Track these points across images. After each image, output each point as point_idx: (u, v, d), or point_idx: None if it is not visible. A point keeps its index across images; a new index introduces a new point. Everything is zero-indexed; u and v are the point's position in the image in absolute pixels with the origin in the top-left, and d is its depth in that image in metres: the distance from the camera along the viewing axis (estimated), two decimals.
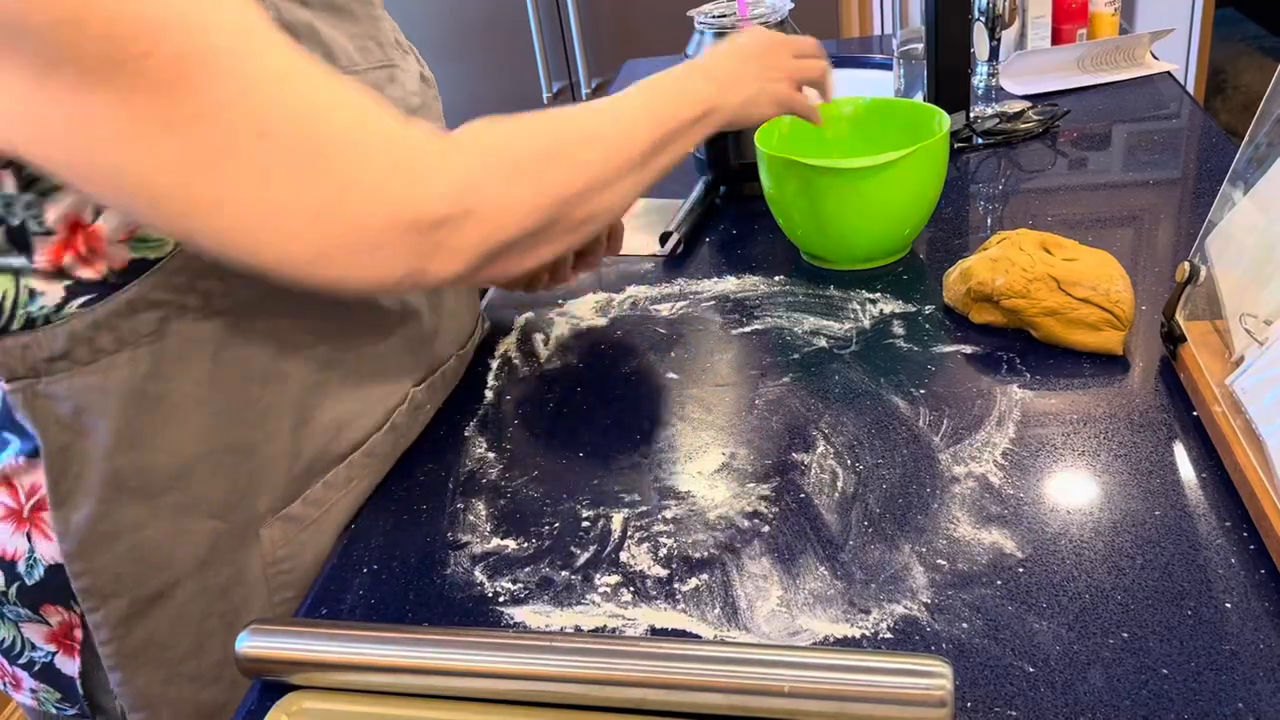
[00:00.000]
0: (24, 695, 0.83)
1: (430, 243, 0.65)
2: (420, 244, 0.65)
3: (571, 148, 0.74)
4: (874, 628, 0.66)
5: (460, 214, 0.66)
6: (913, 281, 1.05)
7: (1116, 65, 1.56)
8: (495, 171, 0.68)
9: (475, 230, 0.67)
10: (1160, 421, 0.80)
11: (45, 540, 0.75)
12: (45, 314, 0.70)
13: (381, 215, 0.64)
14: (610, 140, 0.77)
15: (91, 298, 0.70)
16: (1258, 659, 0.60)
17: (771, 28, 1.22)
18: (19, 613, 0.78)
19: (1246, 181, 0.83)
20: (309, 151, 0.62)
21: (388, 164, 0.64)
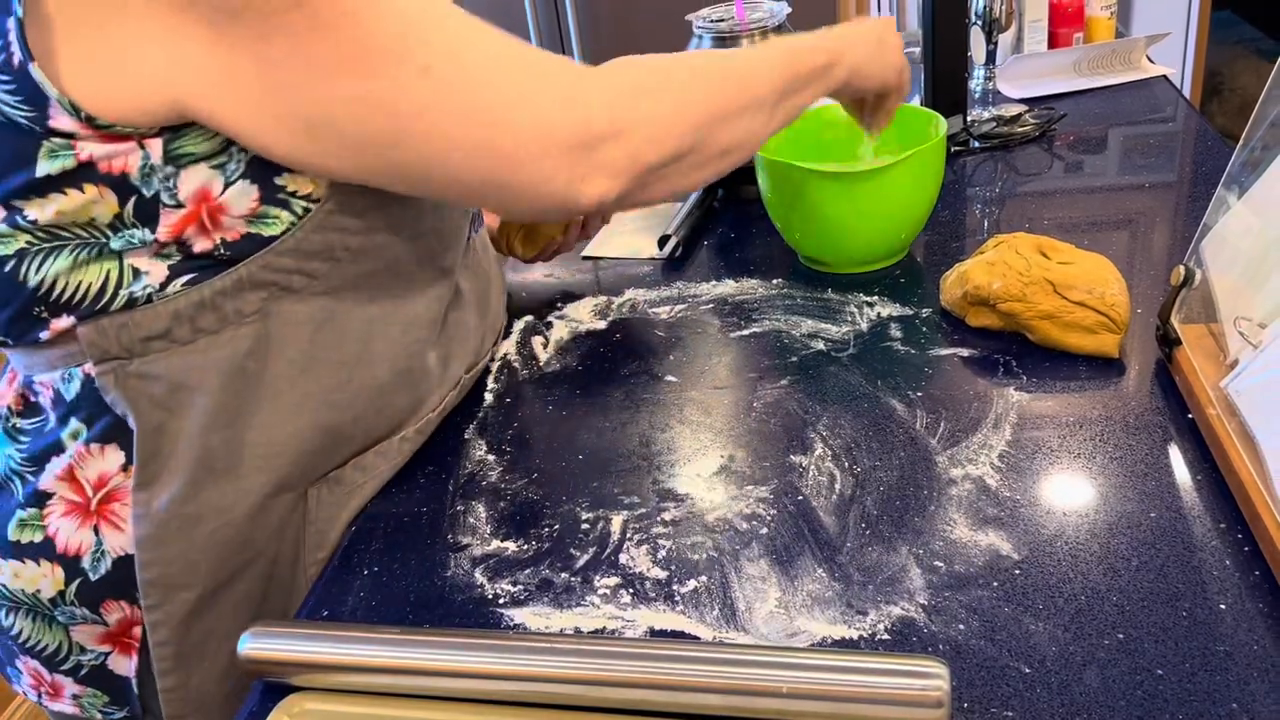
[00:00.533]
0: (63, 703, 0.82)
1: (586, 161, 0.71)
2: (577, 161, 0.70)
3: (709, 78, 0.79)
4: (871, 629, 0.66)
5: (612, 133, 0.71)
6: (910, 285, 1.06)
7: (1113, 69, 1.57)
8: (643, 94, 0.74)
9: (625, 148, 0.72)
10: (1155, 424, 0.81)
11: (115, 531, 0.75)
12: (149, 293, 0.70)
13: (542, 130, 0.69)
14: (744, 76, 0.82)
15: (194, 276, 0.70)
16: (1252, 660, 0.60)
17: (769, 31, 1.22)
18: (73, 614, 0.78)
19: (1241, 185, 0.83)
20: (470, 82, 0.67)
21: (544, 86, 0.70)
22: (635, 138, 0.72)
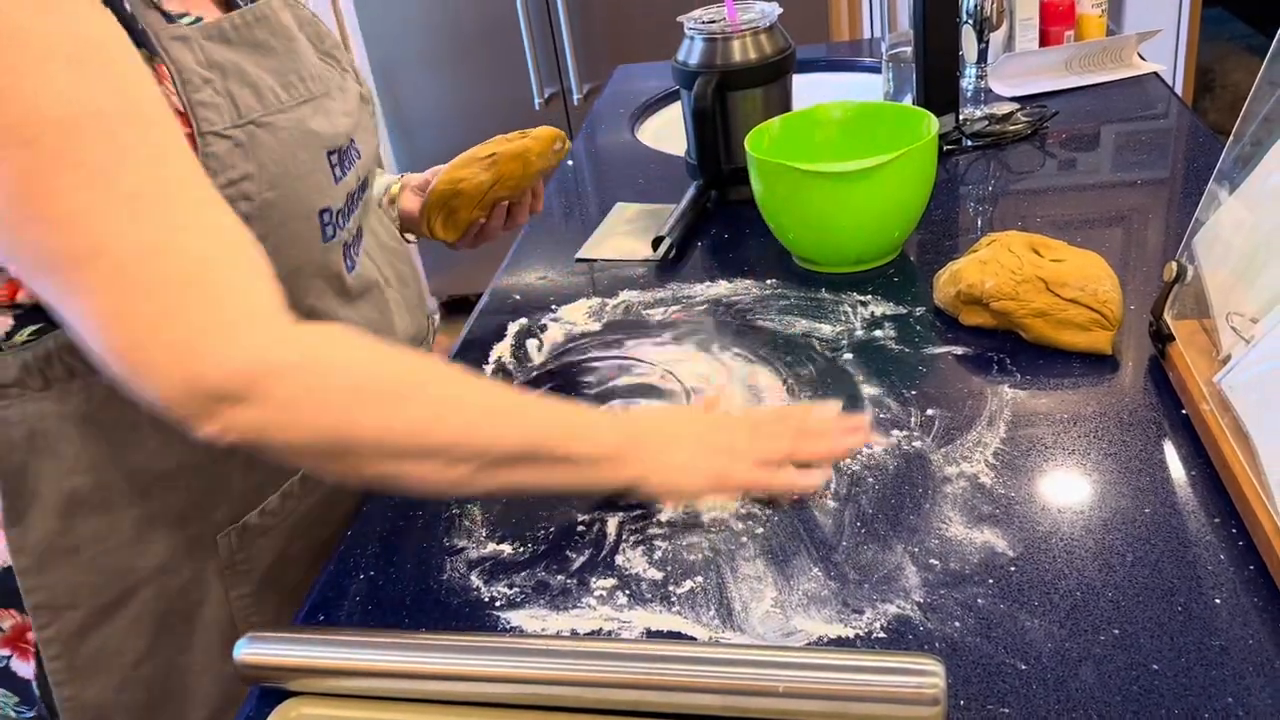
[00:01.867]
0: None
1: (201, 404, 0.63)
2: (192, 400, 0.63)
3: (399, 406, 0.67)
4: (867, 627, 0.66)
5: (242, 395, 0.63)
6: (903, 284, 1.06)
7: (1104, 66, 1.57)
8: (302, 379, 0.65)
9: (247, 417, 0.64)
10: (1149, 420, 0.81)
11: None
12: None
13: (175, 362, 0.63)
14: (454, 421, 0.69)
15: (41, 326, 0.71)
16: (1247, 653, 0.60)
17: (760, 32, 1.22)
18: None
19: (1233, 181, 0.83)
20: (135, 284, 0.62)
21: (204, 318, 0.63)
22: (265, 415, 0.64)
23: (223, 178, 0.71)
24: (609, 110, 1.76)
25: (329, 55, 0.87)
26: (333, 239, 0.81)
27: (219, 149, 0.71)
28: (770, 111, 1.23)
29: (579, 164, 1.58)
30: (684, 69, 1.25)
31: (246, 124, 0.72)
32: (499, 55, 2.74)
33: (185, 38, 0.70)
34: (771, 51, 1.23)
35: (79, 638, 0.79)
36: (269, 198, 0.74)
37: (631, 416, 0.81)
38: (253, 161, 0.72)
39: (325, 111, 0.80)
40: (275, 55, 0.77)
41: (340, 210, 0.82)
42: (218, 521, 0.82)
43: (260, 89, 0.74)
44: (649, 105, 1.76)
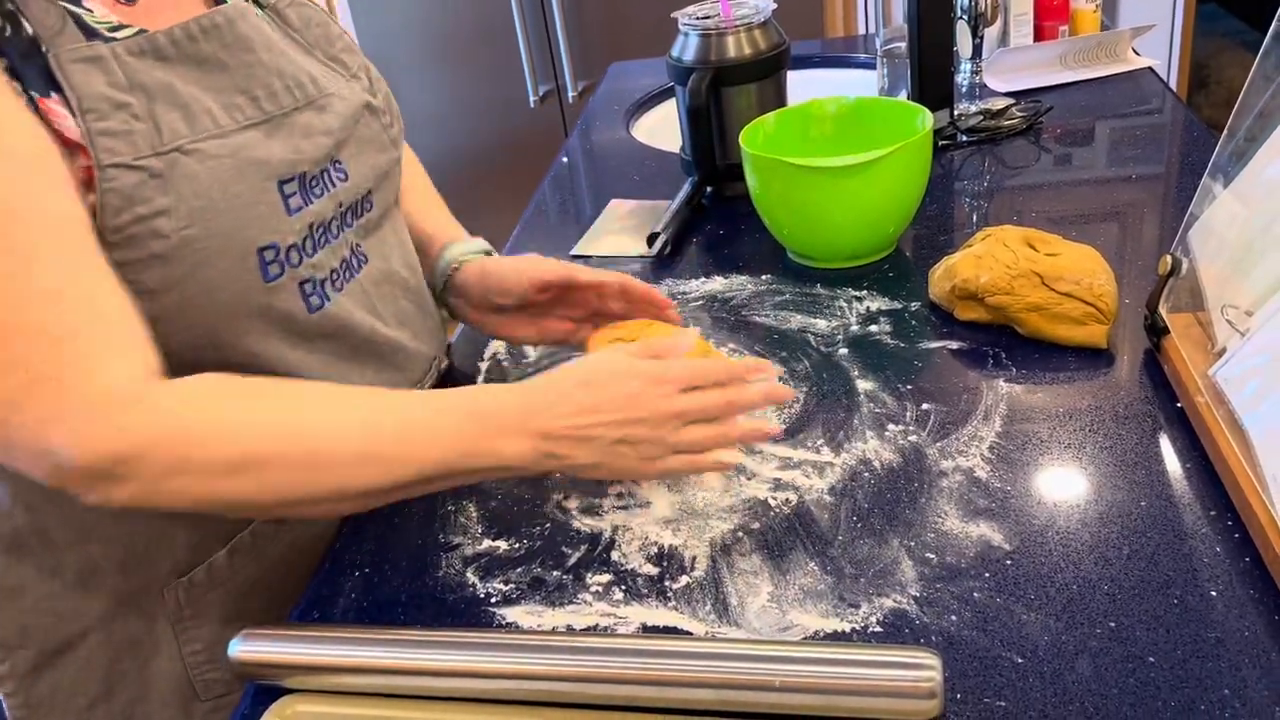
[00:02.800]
0: None
1: (73, 482, 0.63)
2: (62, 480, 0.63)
3: (271, 468, 0.64)
4: (864, 621, 0.66)
5: (110, 475, 0.62)
6: (898, 279, 1.06)
7: (1098, 61, 1.57)
8: (166, 455, 0.63)
9: (123, 492, 0.63)
10: (1144, 413, 0.81)
11: None
12: None
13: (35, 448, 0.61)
14: (330, 476, 0.66)
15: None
16: (1243, 645, 0.60)
17: (755, 28, 1.22)
18: None
19: (1227, 174, 0.83)
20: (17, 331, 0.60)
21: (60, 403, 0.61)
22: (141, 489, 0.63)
23: (128, 214, 0.65)
24: (604, 107, 1.76)
25: (336, 60, 0.82)
26: (278, 278, 0.73)
27: (125, 182, 0.65)
28: (765, 107, 1.23)
29: (574, 161, 1.58)
30: (678, 65, 1.25)
31: (169, 151, 0.67)
32: (494, 53, 2.73)
33: (98, 58, 0.65)
34: (766, 47, 1.23)
35: (33, 676, 0.79)
36: (189, 234, 0.67)
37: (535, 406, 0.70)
38: (170, 194, 0.66)
39: (288, 133, 0.74)
40: (224, 72, 0.72)
41: (295, 245, 0.74)
42: (162, 574, 0.80)
43: (193, 111, 0.69)
44: (644, 102, 1.76)
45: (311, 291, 0.77)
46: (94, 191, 0.65)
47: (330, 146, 0.77)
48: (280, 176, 0.73)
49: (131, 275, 0.67)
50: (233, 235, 0.70)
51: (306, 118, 0.76)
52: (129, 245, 0.66)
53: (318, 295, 0.77)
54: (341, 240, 0.80)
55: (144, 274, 0.67)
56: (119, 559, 0.78)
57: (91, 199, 0.65)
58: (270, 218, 0.72)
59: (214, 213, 0.68)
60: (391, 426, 0.68)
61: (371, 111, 0.83)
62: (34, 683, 0.79)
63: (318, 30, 0.81)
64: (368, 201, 0.83)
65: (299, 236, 0.74)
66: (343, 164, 0.79)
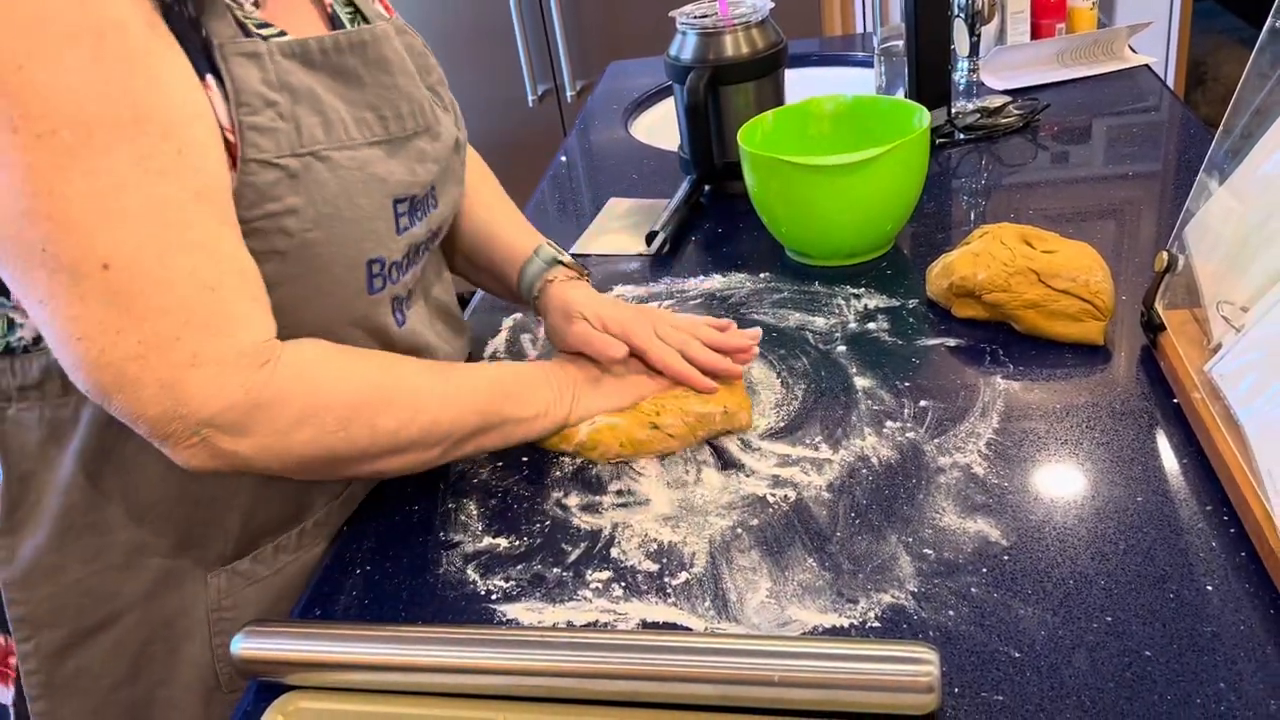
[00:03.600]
0: None
1: (185, 429, 0.65)
2: (174, 426, 0.65)
3: (376, 413, 0.72)
4: (862, 617, 0.66)
5: (232, 428, 0.66)
6: (896, 276, 1.06)
7: (1095, 59, 1.58)
8: (291, 410, 0.68)
9: (238, 446, 0.67)
10: (1141, 409, 0.81)
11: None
12: (24, 344, 0.71)
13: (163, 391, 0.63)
14: (425, 417, 0.75)
15: None
16: (1239, 640, 0.61)
17: (752, 27, 1.23)
18: None
19: (1223, 171, 0.84)
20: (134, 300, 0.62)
21: (197, 350, 0.64)
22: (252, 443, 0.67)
23: (259, 209, 0.68)
24: (602, 106, 1.76)
25: (433, 90, 0.83)
26: (379, 291, 0.77)
27: (263, 178, 0.67)
28: (763, 106, 1.24)
29: (573, 160, 1.58)
30: (676, 64, 1.25)
31: (306, 154, 0.69)
32: (492, 53, 2.74)
33: (256, 54, 0.67)
34: (764, 46, 1.23)
35: (59, 657, 0.79)
36: (311, 237, 0.70)
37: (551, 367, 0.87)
38: (302, 195, 0.69)
39: (405, 155, 0.76)
40: (360, 87, 0.73)
41: (396, 263, 0.77)
42: (209, 560, 0.80)
43: (330, 120, 0.71)
44: (642, 101, 1.76)
45: (398, 308, 0.81)
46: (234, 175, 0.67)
47: (435, 175, 0.80)
48: (396, 195, 0.75)
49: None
50: (349, 244, 0.72)
51: (422, 144, 0.78)
52: (254, 237, 0.68)
53: (400, 313, 0.81)
54: (421, 263, 0.83)
55: (262, 267, 0.69)
56: (171, 541, 0.79)
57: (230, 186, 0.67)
58: (383, 233, 0.75)
59: (338, 220, 0.71)
60: (457, 377, 0.79)
61: (458, 148, 0.86)
62: (59, 664, 0.79)
63: (420, 59, 0.83)
64: (443, 229, 0.86)
65: (401, 255, 0.77)
66: (436, 193, 0.81)
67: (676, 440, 0.83)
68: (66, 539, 0.76)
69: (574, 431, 0.85)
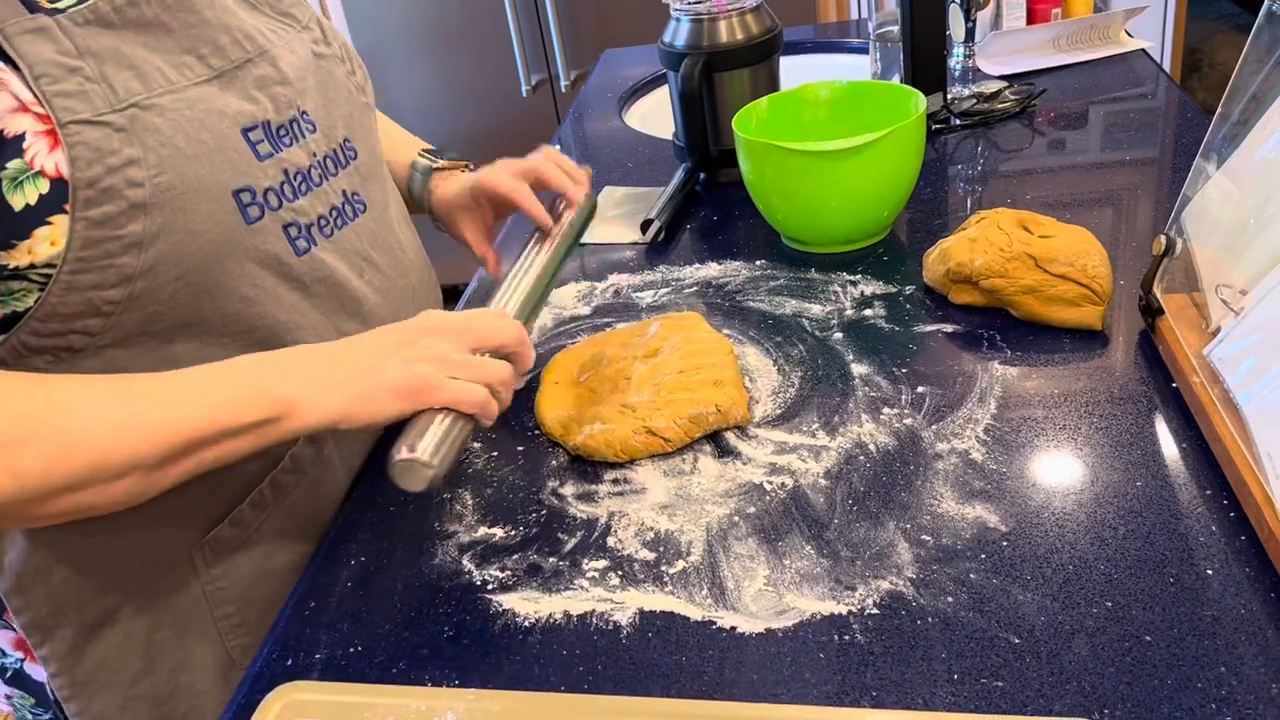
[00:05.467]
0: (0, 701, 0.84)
1: None
2: None
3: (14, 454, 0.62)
4: (860, 604, 0.66)
5: None
6: (893, 263, 1.06)
7: (1091, 44, 1.57)
8: None
9: None
10: (1140, 394, 0.81)
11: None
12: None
13: None
14: (86, 450, 0.64)
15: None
16: (1239, 623, 0.61)
17: (746, 13, 1.22)
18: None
19: (1220, 155, 0.83)
20: None
21: None
22: None
23: (99, 165, 0.66)
24: (596, 95, 1.75)
25: (285, 15, 0.83)
26: (259, 220, 0.75)
27: (89, 136, 0.66)
28: (758, 92, 1.23)
29: (567, 149, 1.57)
30: (670, 51, 1.24)
31: (127, 108, 0.68)
32: (485, 43, 2.72)
33: (42, 29, 0.66)
34: (758, 32, 1.23)
35: (74, 656, 0.79)
36: (162, 180, 0.68)
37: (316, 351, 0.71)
38: (136, 145, 0.67)
39: (241, 84, 0.75)
40: (168, 34, 0.72)
41: (271, 189, 0.75)
42: (190, 536, 0.80)
43: (144, 71, 0.70)
44: (636, 89, 1.75)
45: (297, 235, 0.78)
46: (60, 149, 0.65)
47: (291, 96, 0.79)
48: (243, 125, 0.74)
49: (118, 230, 0.67)
50: (205, 179, 0.71)
51: (260, 70, 0.77)
52: (107, 199, 0.66)
53: (304, 239, 0.79)
54: (327, 188, 0.81)
55: (128, 225, 0.68)
56: (146, 525, 0.78)
57: (58, 160, 0.65)
58: (240, 162, 0.73)
59: (183, 159, 0.70)
60: (149, 388, 0.67)
61: (324, 59, 0.85)
62: (77, 662, 0.79)
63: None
64: (349, 149, 0.85)
65: (274, 180, 0.76)
66: (310, 115, 0.80)
67: (671, 443, 0.82)
68: (43, 540, 0.76)
69: (566, 436, 0.84)
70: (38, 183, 0.65)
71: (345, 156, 0.85)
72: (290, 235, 0.77)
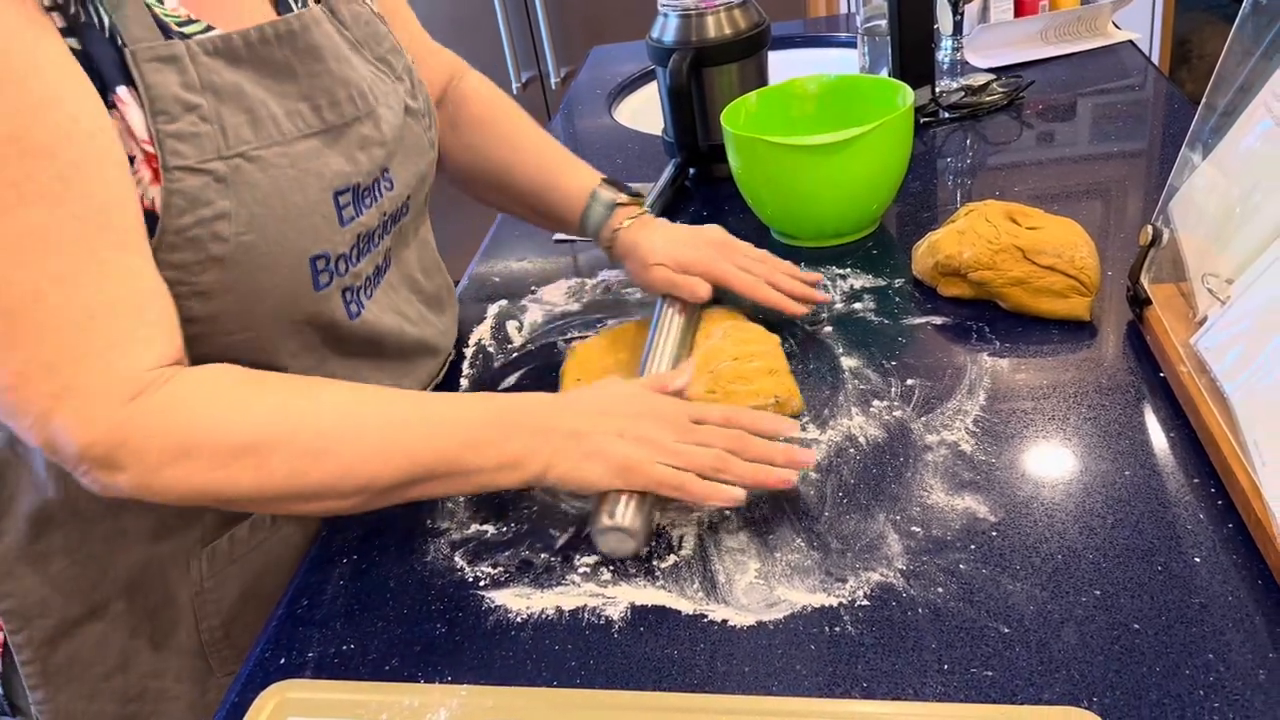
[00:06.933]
0: None
1: (69, 463, 0.63)
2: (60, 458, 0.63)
3: (266, 455, 0.64)
4: (851, 596, 0.66)
5: (105, 463, 0.62)
6: (882, 256, 1.06)
7: (1079, 36, 1.57)
8: (164, 445, 0.63)
9: (116, 480, 0.63)
10: (1128, 384, 0.81)
11: None
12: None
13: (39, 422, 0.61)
14: (333, 463, 0.66)
15: None
16: (1226, 610, 0.61)
17: (734, 8, 1.22)
18: None
19: (1206, 145, 0.84)
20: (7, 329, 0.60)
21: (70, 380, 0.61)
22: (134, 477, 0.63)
23: (190, 216, 0.66)
24: (586, 92, 1.75)
25: (383, 61, 0.81)
26: (327, 287, 0.74)
27: (189, 184, 0.65)
28: (746, 87, 1.23)
29: None
30: (659, 46, 1.24)
31: (233, 157, 0.67)
32: (475, 41, 2.72)
33: (174, 57, 0.65)
34: (746, 26, 1.23)
35: (50, 646, 0.79)
36: (247, 241, 0.68)
37: (547, 407, 0.72)
38: (232, 199, 0.67)
39: (345, 144, 0.74)
40: (292, 79, 0.71)
41: (343, 255, 0.75)
42: (188, 544, 0.80)
43: (259, 117, 0.69)
44: (626, 85, 1.75)
45: (351, 299, 0.78)
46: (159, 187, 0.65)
47: (383, 158, 0.78)
48: (336, 188, 0.73)
49: (190, 277, 0.67)
50: (288, 244, 0.70)
51: (364, 129, 0.76)
52: (189, 247, 0.66)
53: (356, 303, 0.78)
54: (380, 248, 0.81)
55: (202, 276, 0.67)
56: (150, 529, 0.78)
57: (155, 195, 0.65)
58: (324, 228, 0.72)
59: (272, 220, 0.69)
60: (398, 416, 0.69)
61: (413, 115, 0.83)
62: (51, 653, 0.79)
63: (366, 29, 0.80)
64: (405, 207, 0.84)
65: (348, 246, 0.75)
66: (390, 174, 0.79)
67: None
68: (46, 530, 0.76)
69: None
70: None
71: (401, 214, 0.83)
72: (346, 299, 0.77)
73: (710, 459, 0.71)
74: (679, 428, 0.72)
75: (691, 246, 0.93)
